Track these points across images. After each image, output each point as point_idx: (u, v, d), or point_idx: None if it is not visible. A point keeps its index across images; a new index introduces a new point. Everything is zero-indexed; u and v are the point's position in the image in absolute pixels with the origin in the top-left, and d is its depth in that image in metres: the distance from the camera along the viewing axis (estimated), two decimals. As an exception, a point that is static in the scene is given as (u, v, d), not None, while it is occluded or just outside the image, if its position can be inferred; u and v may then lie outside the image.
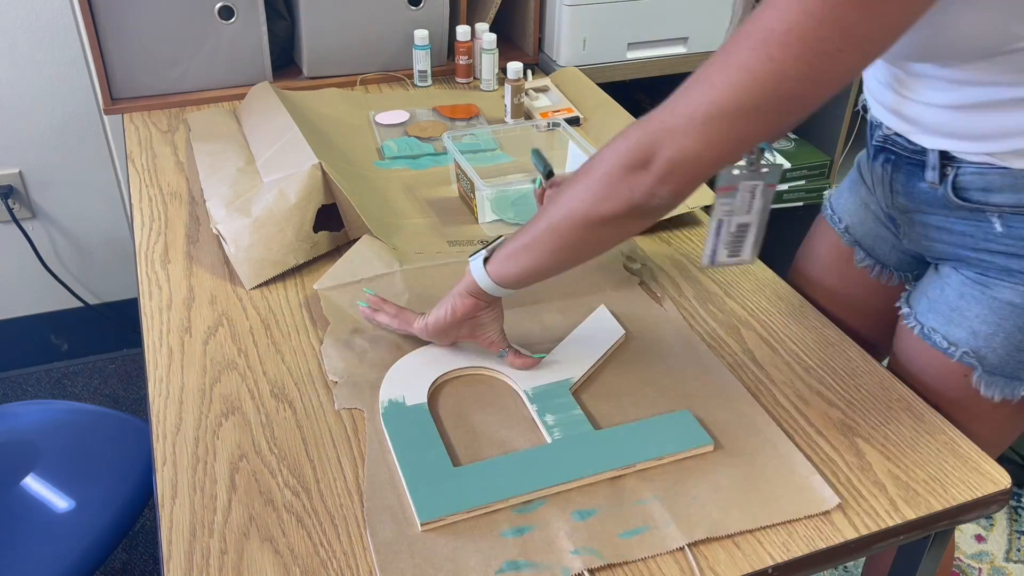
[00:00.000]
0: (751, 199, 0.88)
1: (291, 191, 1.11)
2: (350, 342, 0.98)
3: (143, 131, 1.46)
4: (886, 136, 0.94)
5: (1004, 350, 0.89)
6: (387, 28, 1.63)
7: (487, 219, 1.20)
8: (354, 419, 0.88)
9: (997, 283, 0.88)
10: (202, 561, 0.73)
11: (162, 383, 0.92)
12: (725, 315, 1.05)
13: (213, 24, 1.53)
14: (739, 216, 0.89)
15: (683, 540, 0.75)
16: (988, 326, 0.89)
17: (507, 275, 0.86)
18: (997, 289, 0.88)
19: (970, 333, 0.90)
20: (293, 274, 1.10)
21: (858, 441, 0.87)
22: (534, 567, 0.73)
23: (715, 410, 0.89)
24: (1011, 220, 0.84)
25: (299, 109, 1.42)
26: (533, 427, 0.87)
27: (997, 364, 0.89)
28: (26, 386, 2.06)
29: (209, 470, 0.82)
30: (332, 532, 0.76)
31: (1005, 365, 0.89)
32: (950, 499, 0.81)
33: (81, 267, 2.03)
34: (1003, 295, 0.87)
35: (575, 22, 1.64)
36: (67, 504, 1.16)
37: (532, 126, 1.34)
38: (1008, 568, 1.67)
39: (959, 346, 0.91)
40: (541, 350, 0.96)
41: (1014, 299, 0.87)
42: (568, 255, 0.84)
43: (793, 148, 2.03)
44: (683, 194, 0.77)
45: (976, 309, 0.90)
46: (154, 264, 1.12)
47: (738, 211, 0.89)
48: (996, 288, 0.88)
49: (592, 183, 0.78)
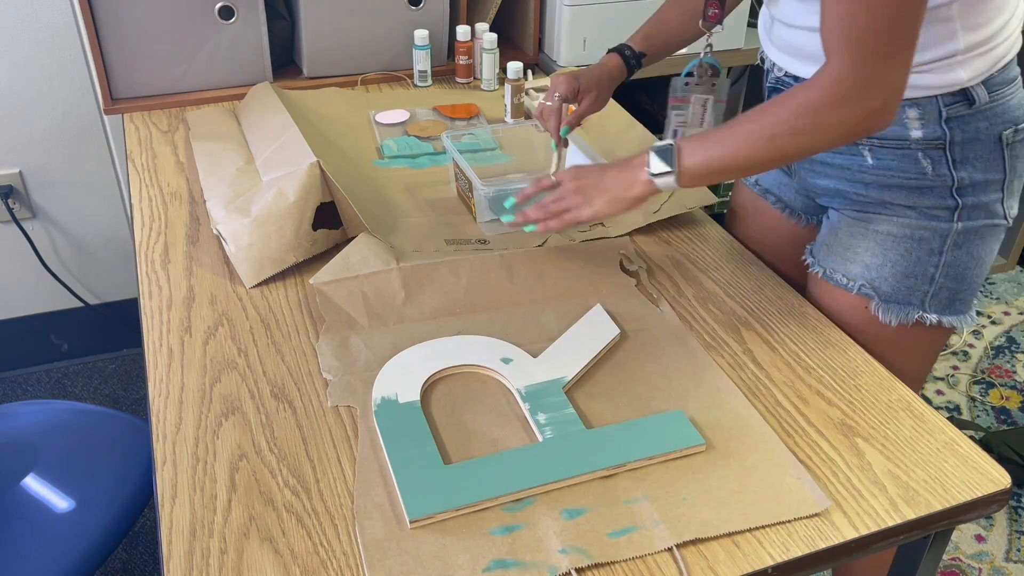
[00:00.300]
0: (703, 112, 0.93)
1: (290, 190, 1.11)
2: (345, 339, 0.98)
3: (143, 131, 1.46)
4: (777, 78, 1.03)
5: (893, 278, 0.99)
6: (387, 28, 1.63)
7: (485, 218, 1.20)
8: (354, 419, 0.88)
9: (876, 217, 1.00)
10: (202, 561, 0.73)
11: (162, 383, 0.93)
12: (725, 315, 1.04)
13: (213, 24, 1.53)
14: (692, 129, 0.98)
15: (672, 540, 0.75)
16: (876, 257, 1.00)
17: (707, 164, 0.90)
18: (877, 223, 0.99)
19: (863, 267, 1.01)
20: (293, 274, 1.10)
21: (858, 441, 0.87)
22: (521, 566, 0.73)
23: (708, 410, 0.89)
24: (879, 153, 0.96)
25: (299, 109, 1.42)
26: (525, 426, 0.87)
27: (890, 292, 1.00)
28: (26, 386, 2.06)
29: (209, 470, 0.82)
30: (332, 532, 0.76)
31: (897, 292, 1.00)
32: (950, 499, 0.80)
33: (81, 267, 2.03)
34: (883, 227, 0.99)
35: (575, 22, 1.64)
36: (67, 504, 1.16)
37: (532, 126, 1.34)
38: (1008, 568, 1.67)
39: (856, 280, 1.02)
40: (537, 349, 0.97)
41: (892, 230, 0.98)
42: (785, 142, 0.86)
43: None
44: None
45: (864, 244, 1.01)
46: (154, 264, 1.12)
47: (691, 123, 0.93)
48: (876, 222, 1.00)
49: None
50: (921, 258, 0.98)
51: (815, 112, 0.82)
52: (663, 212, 1.20)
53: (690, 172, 0.89)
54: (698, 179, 0.90)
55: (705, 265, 1.14)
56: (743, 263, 1.14)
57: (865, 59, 0.79)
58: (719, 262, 1.14)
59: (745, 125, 0.87)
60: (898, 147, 0.94)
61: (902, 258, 0.98)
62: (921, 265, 0.98)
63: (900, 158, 0.94)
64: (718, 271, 1.12)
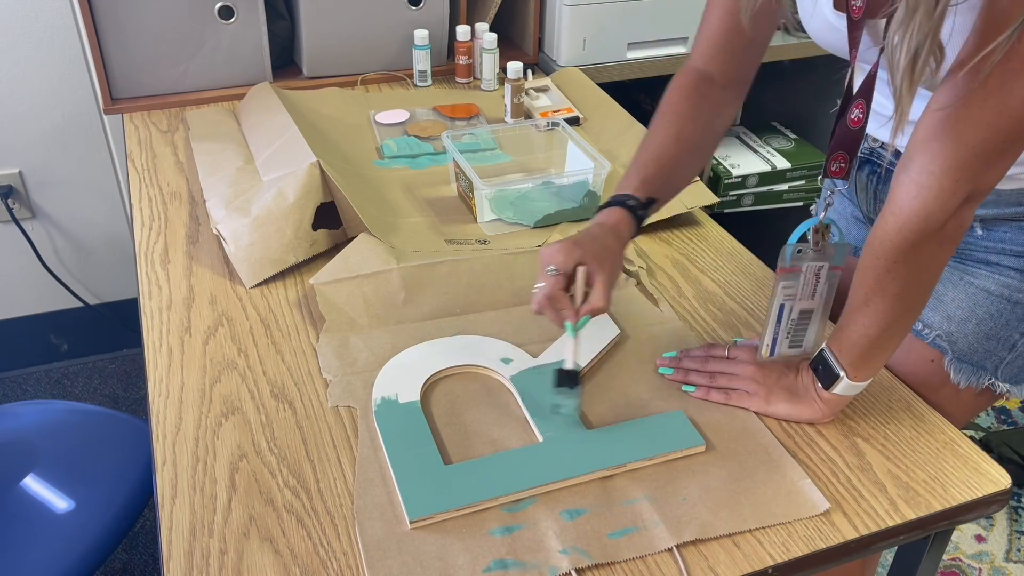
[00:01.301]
0: (816, 282, 0.83)
1: (290, 190, 1.11)
2: (345, 339, 0.98)
3: (143, 131, 1.46)
4: (871, 149, 0.97)
5: (975, 336, 0.92)
6: (387, 28, 1.63)
7: (486, 218, 1.20)
8: (354, 419, 0.88)
9: (975, 270, 0.92)
10: (202, 561, 0.73)
11: (162, 383, 0.92)
12: (725, 315, 1.04)
13: (213, 24, 1.53)
14: (803, 301, 0.84)
15: (672, 541, 0.75)
16: (962, 311, 0.92)
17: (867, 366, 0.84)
18: (974, 276, 0.92)
19: (944, 317, 0.93)
20: (293, 274, 1.10)
21: (858, 441, 0.87)
22: (521, 566, 0.73)
23: (708, 411, 0.89)
24: (991, 226, 0.90)
25: (298, 109, 1.42)
26: (525, 426, 0.87)
27: (966, 351, 0.93)
28: (26, 386, 2.06)
29: (209, 470, 0.82)
30: (332, 532, 0.76)
31: (974, 352, 0.93)
32: (950, 499, 0.80)
33: (81, 267, 2.03)
34: (979, 282, 0.91)
35: (575, 22, 1.64)
36: (67, 504, 1.16)
37: (532, 126, 1.34)
38: (1008, 568, 1.67)
39: (933, 328, 0.94)
40: (537, 350, 0.96)
41: (989, 286, 0.91)
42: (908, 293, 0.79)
43: (793, 148, 2.03)
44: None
45: (952, 293, 0.93)
46: (154, 264, 1.12)
47: (802, 295, 0.84)
48: (974, 275, 0.92)
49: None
50: (1010, 322, 0.91)
51: (914, 252, 0.76)
52: (663, 212, 1.20)
53: (854, 363, 0.83)
54: (865, 363, 0.83)
55: (705, 265, 1.14)
56: (743, 263, 1.14)
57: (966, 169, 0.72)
58: (719, 262, 1.14)
59: (858, 293, 0.80)
60: (1013, 219, 0.88)
61: (990, 317, 0.91)
62: (1008, 329, 0.91)
63: (1015, 231, 0.89)
64: (718, 271, 1.12)
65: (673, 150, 0.95)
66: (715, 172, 1.94)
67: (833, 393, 0.85)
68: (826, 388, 0.85)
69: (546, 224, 1.19)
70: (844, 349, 0.83)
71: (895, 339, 0.83)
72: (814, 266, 0.83)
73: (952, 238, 0.76)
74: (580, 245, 0.86)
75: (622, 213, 0.91)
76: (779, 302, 0.84)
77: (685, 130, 0.95)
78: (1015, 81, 0.67)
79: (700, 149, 0.98)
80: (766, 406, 0.88)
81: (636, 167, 0.94)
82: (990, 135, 0.70)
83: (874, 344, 0.82)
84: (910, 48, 0.67)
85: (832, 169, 0.83)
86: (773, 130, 2.12)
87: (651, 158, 0.94)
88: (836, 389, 0.85)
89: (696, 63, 0.97)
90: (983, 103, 0.69)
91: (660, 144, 0.95)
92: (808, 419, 0.88)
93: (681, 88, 0.97)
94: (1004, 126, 0.69)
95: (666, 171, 0.94)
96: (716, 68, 0.96)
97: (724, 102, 0.97)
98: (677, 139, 0.95)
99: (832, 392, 0.85)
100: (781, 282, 0.83)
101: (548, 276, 0.84)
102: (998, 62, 0.67)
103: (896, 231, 0.75)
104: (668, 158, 0.94)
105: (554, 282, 0.84)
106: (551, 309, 0.85)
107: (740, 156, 2.00)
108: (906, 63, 0.68)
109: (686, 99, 0.96)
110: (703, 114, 0.96)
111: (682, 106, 0.96)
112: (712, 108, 0.96)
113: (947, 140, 0.71)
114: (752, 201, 1.98)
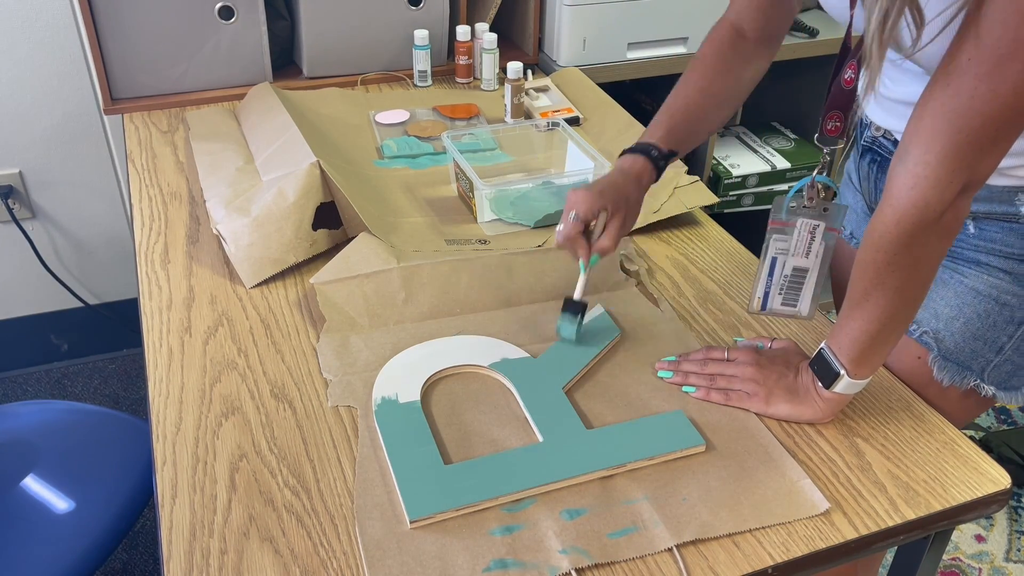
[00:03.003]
0: (810, 239, 0.83)
1: (290, 190, 1.11)
2: (345, 339, 0.98)
3: (143, 131, 1.46)
4: (874, 138, 0.97)
5: (961, 336, 0.92)
6: (387, 28, 1.63)
7: (486, 218, 1.20)
8: (354, 419, 0.88)
9: (965, 269, 0.92)
10: (202, 561, 0.73)
11: (162, 383, 0.92)
12: (725, 315, 1.04)
13: (213, 24, 1.53)
14: (796, 258, 0.85)
15: (672, 541, 0.75)
16: (951, 309, 0.92)
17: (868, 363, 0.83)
18: (964, 275, 0.91)
19: (932, 314, 0.93)
20: (293, 274, 1.10)
21: (858, 441, 0.87)
22: (521, 566, 0.73)
23: (708, 411, 0.89)
24: (983, 224, 0.89)
25: (298, 109, 1.42)
26: (525, 426, 0.87)
27: (952, 349, 0.93)
28: (26, 386, 2.06)
29: (209, 470, 0.82)
30: (332, 532, 0.76)
31: (960, 351, 0.93)
32: (950, 499, 0.81)
33: (81, 267, 2.03)
34: (969, 281, 0.91)
35: (575, 22, 1.64)
36: (67, 504, 1.16)
37: (532, 126, 1.34)
38: (1008, 568, 1.67)
39: (920, 325, 0.94)
40: (537, 350, 0.96)
41: (978, 286, 0.91)
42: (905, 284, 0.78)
43: (793, 148, 2.03)
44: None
45: (941, 291, 0.93)
46: (154, 264, 1.12)
47: (795, 251, 0.83)
48: (964, 274, 0.92)
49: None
50: (998, 324, 0.91)
51: (913, 244, 0.76)
52: (663, 212, 1.20)
53: (854, 360, 0.83)
54: (866, 359, 0.83)
55: (705, 265, 1.14)
56: (743, 263, 1.14)
57: (960, 155, 0.71)
58: (719, 262, 1.14)
59: (857, 287, 0.80)
60: (1006, 220, 0.88)
61: (978, 317, 0.91)
62: (995, 331, 0.91)
63: (1006, 232, 0.88)
64: (718, 271, 1.12)
65: (701, 103, 0.98)
66: (715, 172, 1.94)
67: (834, 392, 0.85)
68: (827, 387, 0.85)
69: (546, 224, 1.19)
70: (844, 347, 0.83)
71: (895, 334, 0.83)
72: (809, 223, 0.83)
73: (950, 229, 0.76)
74: (603, 195, 0.93)
75: (645, 163, 0.96)
76: (771, 255, 0.83)
77: (715, 84, 0.99)
78: (1005, 67, 0.67)
79: (728, 103, 1.01)
80: (766, 407, 0.89)
81: (663, 116, 0.98)
82: (983, 123, 0.70)
83: (874, 340, 0.82)
84: (882, 6, 0.68)
85: (828, 128, 0.86)
86: (773, 130, 2.12)
87: (678, 109, 0.98)
88: (837, 388, 0.85)
89: (730, 16, 1.00)
90: (974, 91, 0.69)
91: (688, 96, 0.99)
92: (808, 419, 0.88)
93: (713, 41, 1.00)
94: (996, 113, 0.69)
95: (692, 123, 0.98)
96: (748, 23, 0.98)
97: (755, 57, 1.00)
98: (706, 92, 0.98)
99: (833, 391, 0.85)
100: (773, 235, 0.84)
101: (569, 221, 0.92)
102: (988, 47, 0.67)
103: (895, 223, 0.75)
104: (695, 110, 0.98)
105: (573, 226, 0.92)
106: (569, 247, 0.94)
107: (740, 156, 2.00)
108: (877, 20, 0.69)
109: (718, 52, 1.00)
110: (733, 68, 0.99)
111: (713, 59, 0.99)
112: (742, 63, 0.99)
113: (941, 129, 0.71)
114: (752, 201, 1.98)
